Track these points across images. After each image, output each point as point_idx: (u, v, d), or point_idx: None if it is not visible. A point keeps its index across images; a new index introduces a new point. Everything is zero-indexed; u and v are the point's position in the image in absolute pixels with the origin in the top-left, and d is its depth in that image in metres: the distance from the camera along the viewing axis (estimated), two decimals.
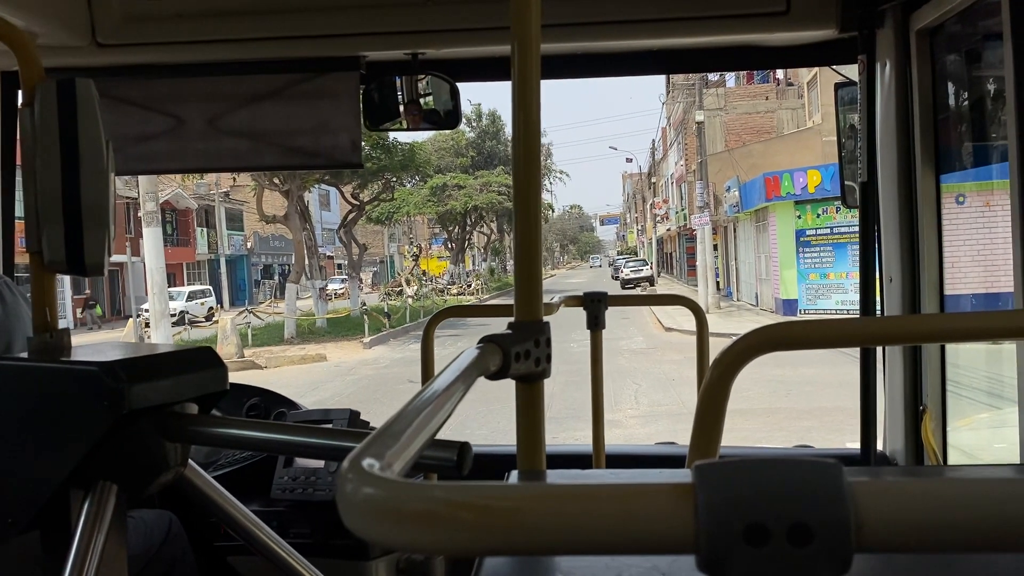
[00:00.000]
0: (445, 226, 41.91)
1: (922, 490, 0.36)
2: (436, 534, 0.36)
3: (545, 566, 0.73)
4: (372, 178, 27.66)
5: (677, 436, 3.07)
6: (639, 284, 42.15)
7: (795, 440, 8.49)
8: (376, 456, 0.42)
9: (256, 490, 2.23)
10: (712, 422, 0.79)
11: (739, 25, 2.09)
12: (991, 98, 2.03)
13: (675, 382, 12.90)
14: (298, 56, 2.25)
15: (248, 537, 1.52)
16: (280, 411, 2.50)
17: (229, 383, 1.41)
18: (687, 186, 39.88)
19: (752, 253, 27.63)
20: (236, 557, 2.20)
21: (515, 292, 0.91)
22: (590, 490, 0.37)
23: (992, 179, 2.51)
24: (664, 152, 57.12)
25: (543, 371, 0.90)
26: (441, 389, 0.62)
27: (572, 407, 9.59)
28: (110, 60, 2.22)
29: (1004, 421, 2.57)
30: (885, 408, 2.14)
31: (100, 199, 1.31)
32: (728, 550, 0.35)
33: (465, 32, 2.15)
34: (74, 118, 1.28)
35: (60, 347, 1.34)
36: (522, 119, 0.87)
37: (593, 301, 1.90)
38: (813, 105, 32.43)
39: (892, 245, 2.05)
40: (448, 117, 2.37)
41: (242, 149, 2.41)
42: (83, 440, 1.22)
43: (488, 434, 9.46)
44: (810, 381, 12.31)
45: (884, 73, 2.01)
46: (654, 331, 21.75)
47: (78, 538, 1.21)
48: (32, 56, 1.31)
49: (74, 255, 1.30)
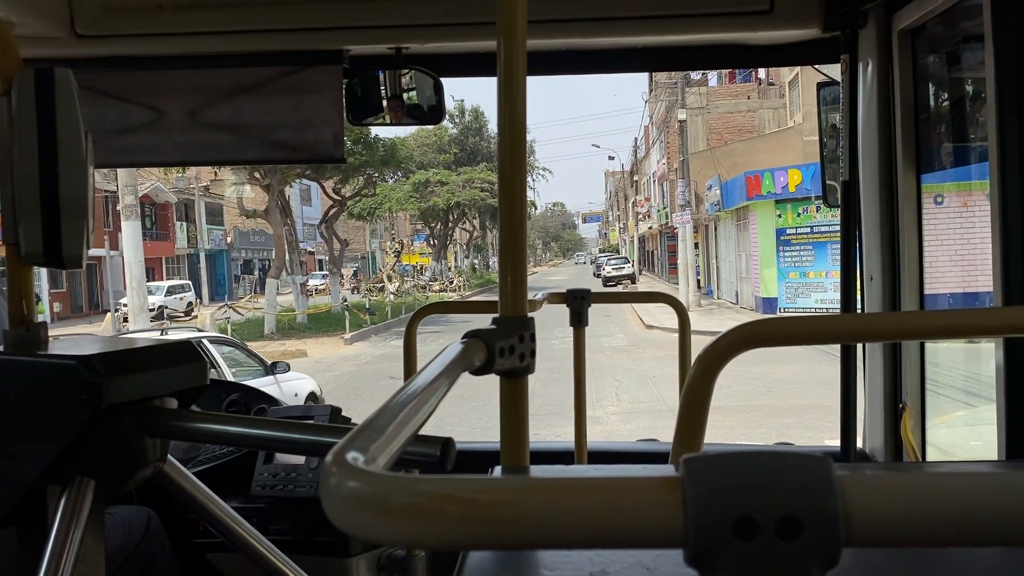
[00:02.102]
0: (427, 222, 41.84)
1: (912, 484, 0.35)
2: (421, 527, 0.36)
3: (529, 561, 0.73)
4: (354, 173, 27.56)
5: (658, 433, 3.09)
6: (621, 282, 42.31)
7: (775, 437, 8.56)
8: (360, 450, 0.42)
9: (236, 486, 2.22)
10: (696, 418, 0.79)
11: (723, 23, 2.10)
12: (971, 99, 2.05)
13: (656, 379, 12.95)
14: (281, 49, 2.23)
15: (228, 534, 1.51)
16: (260, 407, 2.48)
17: (209, 378, 1.40)
18: (669, 184, 40.04)
19: (733, 251, 27.80)
20: (216, 554, 2.18)
21: (499, 287, 0.90)
22: (578, 483, 0.37)
23: (971, 179, 2.54)
24: (646, 150, 57.30)
25: (527, 367, 0.90)
26: (425, 384, 0.61)
27: (553, 404, 9.60)
28: (89, 51, 2.19)
29: (981, 419, 2.60)
30: (865, 405, 2.15)
31: (79, 190, 1.29)
32: (717, 544, 0.35)
33: (450, 27, 2.14)
34: (52, 108, 1.26)
35: (37, 340, 1.33)
36: (508, 115, 0.86)
37: (576, 298, 1.90)
38: (794, 105, 32.63)
39: (873, 244, 2.06)
40: (432, 112, 2.36)
41: (223, 142, 2.39)
42: (60, 435, 1.20)
43: (468, 430, 9.46)
44: (789, 379, 12.41)
45: (866, 73, 2.03)
46: (635, 328, 21.82)
47: (55, 534, 1.19)
48: (9, 44, 1.29)
49: (52, 247, 1.28)
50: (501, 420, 0.93)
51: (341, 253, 30.06)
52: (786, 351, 10.88)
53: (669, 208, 39.09)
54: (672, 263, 39.21)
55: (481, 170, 39.27)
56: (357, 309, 24.69)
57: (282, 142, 2.39)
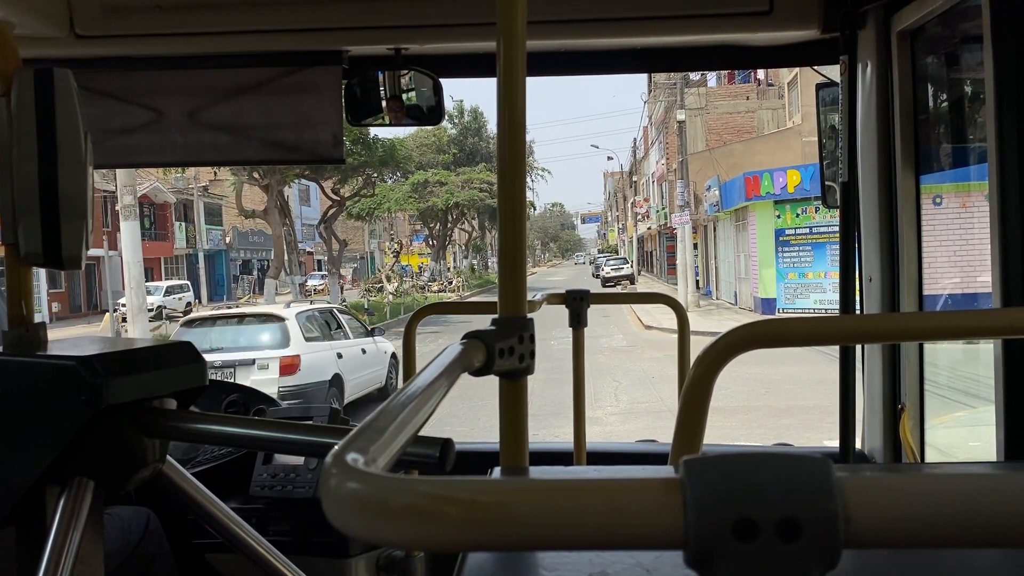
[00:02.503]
0: (426, 223, 41.80)
1: (911, 486, 0.35)
2: (422, 529, 0.36)
3: (528, 563, 0.73)
4: (353, 173, 27.53)
5: (657, 433, 3.08)
6: (619, 282, 42.31)
7: (773, 438, 8.55)
8: (360, 451, 0.42)
9: (235, 487, 2.22)
10: (695, 419, 0.79)
11: (722, 24, 2.10)
12: (970, 100, 2.05)
13: (655, 379, 12.95)
14: (280, 50, 2.23)
15: (227, 534, 1.51)
16: (259, 408, 2.48)
17: (208, 379, 1.39)
18: (668, 185, 40.04)
19: (732, 252, 27.80)
20: (214, 555, 2.18)
21: (499, 288, 0.90)
22: (578, 484, 0.37)
23: (969, 180, 2.54)
24: (645, 151, 57.31)
25: (527, 367, 0.90)
26: (425, 385, 0.61)
27: (552, 404, 9.59)
28: (89, 52, 2.19)
29: (979, 420, 2.60)
30: (864, 406, 2.15)
31: (78, 190, 1.29)
32: (717, 545, 0.35)
33: (450, 27, 2.14)
34: (52, 108, 1.26)
35: (37, 341, 1.33)
36: (507, 115, 0.86)
37: (575, 299, 1.90)
38: (793, 105, 32.66)
39: (872, 245, 2.06)
40: (431, 113, 2.36)
41: (222, 143, 2.39)
42: (60, 435, 1.20)
43: (468, 431, 9.46)
44: (788, 379, 12.41)
45: (865, 74, 2.03)
46: (634, 329, 21.82)
47: (54, 535, 1.19)
48: (9, 45, 1.29)
49: (51, 247, 1.28)
50: (500, 421, 0.93)
51: (340, 253, 30.03)
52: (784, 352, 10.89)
53: (668, 209, 39.08)
54: (671, 264, 39.25)
55: (480, 170, 39.21)
56: (356, 309, 24.66)
57: (281, 142, 2.39)
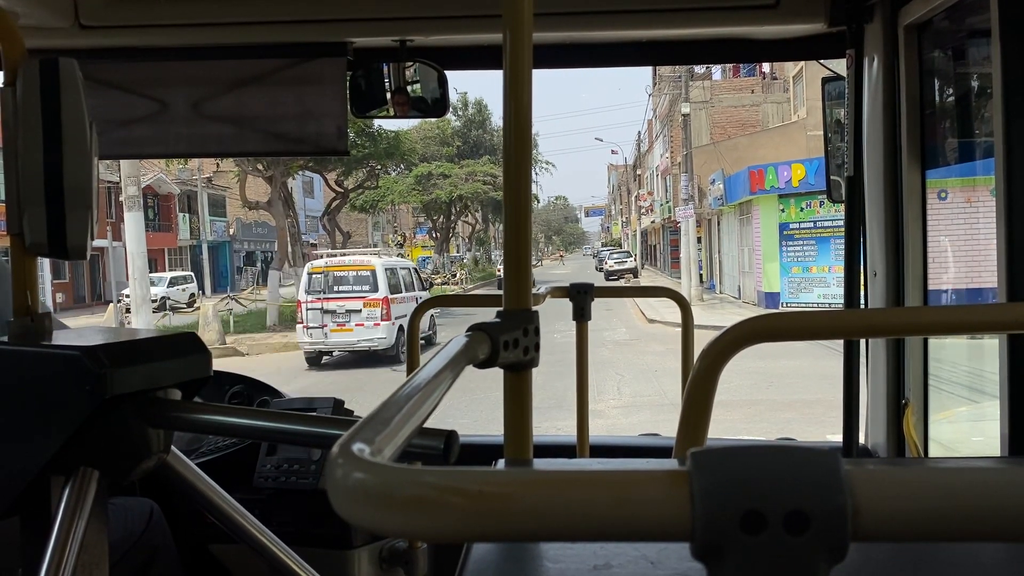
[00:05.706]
0: (430, 215, 41.78)
1: (919, 479, 0.35)
2: (428, 519, 0.36)
3: (532, 554, 0.73)
4: (357, 166, 27.53)
5: (659, 427, 3.08)
6: (623, 276, 42.30)
7: (776, 432, 8.55)
8: (366, 442, 0.42)
9: (239, 478, 2.22)
10: (699, 413, 0.79)
11: (729, 18, 2.09)
12: (977, 94, 2.04)
13: (658, 373, 12.95)
14: (285, 41, 2.23)
15: (230, 525, 1.51)
16: (263, 399, 2.48)
17: (212, 370, 1.40)
18: (672, 178, 39.97)
19: (736, 246, 27.75)
20: (218, 545, 2.19)
21: (504, 281, 0.90)
22: (585, 476, 0.37)
23: (975, 175, 2.53)
24: (650, 144, 57.17)
25: (531, 360, 0.90)
26: (430, 377, 0.61)
27: (555, 397, 9.60)
28: (93, 42, 2.19)
29: (983, 415, 2.60)
30: (867, 401, 2.15)
31: (83, 180, 1.29)
32: (724, 537, 0.35)
33: (455, 19, 2.13)
34: (57, 98, 1.26)
35: (41, 331, 1.33)
36: (513, 108, 0.86)
37: (579, 292, 1.90)
38: (798, 99, 32.56)
39: (877, 239, 2.06)
40: (436, 105, 2.36)
41: (227, 134, 2.39)
42: (64, 425, 1.20)
43: (470, 423, 9.47)
44: (791, 373, 12.40)
45: (871, 68, 2.02)
46: (637, 323, 21.82)
47: (58, 525, 1.20)
48: (14, 34, 1.29)
49: (56, 237, 1.28)
50: (505, 413, 0.93)
51: (344, 245, 30.06)
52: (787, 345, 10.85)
53: (672, 202, 39.04)
54: (674, 257, 39.16)
55: (484, 163, 39.17)
56: None
57: (286, 134, 2.39)
